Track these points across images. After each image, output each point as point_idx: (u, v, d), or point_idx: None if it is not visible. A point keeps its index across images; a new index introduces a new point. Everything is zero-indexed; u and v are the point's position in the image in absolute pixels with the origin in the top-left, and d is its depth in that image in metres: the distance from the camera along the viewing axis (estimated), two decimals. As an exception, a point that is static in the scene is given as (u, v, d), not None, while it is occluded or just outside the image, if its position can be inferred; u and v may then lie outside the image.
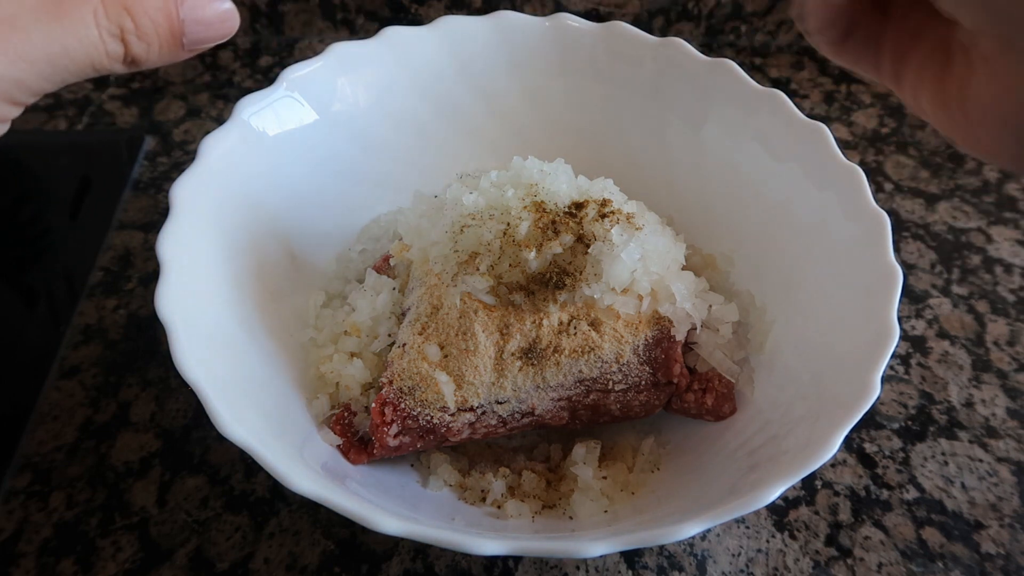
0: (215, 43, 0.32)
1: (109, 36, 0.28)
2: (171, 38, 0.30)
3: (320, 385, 0.46)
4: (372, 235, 0.55)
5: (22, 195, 0.64)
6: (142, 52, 0.30)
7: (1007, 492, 0.48)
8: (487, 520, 0.43)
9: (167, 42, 0.30)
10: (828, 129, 0.47)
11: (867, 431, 0.51)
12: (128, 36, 0.29)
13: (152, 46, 0.30)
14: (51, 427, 0.50)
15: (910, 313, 0.57)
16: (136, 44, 0.29)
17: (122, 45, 0.29)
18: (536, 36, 0.54)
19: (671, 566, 0.44)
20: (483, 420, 0.43)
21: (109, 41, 0.28)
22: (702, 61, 0.51)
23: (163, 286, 0.39)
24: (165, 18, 0.29)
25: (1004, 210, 0.64)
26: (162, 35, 0.30)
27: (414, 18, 0.77)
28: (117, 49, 0.29)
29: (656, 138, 0.55)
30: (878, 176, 0.67)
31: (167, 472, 0.48)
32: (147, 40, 0.29)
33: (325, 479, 0.38)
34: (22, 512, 0.46)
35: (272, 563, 0.44)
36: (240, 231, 0.47)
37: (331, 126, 0.52)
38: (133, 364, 0.53)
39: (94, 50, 0.28)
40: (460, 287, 0.43)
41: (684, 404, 0.45)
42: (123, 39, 0.29)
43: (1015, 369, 0.54)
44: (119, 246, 0.60)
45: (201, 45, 0.31)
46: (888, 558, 0.45)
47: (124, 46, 0.29)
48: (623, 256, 0.42)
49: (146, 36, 0.29)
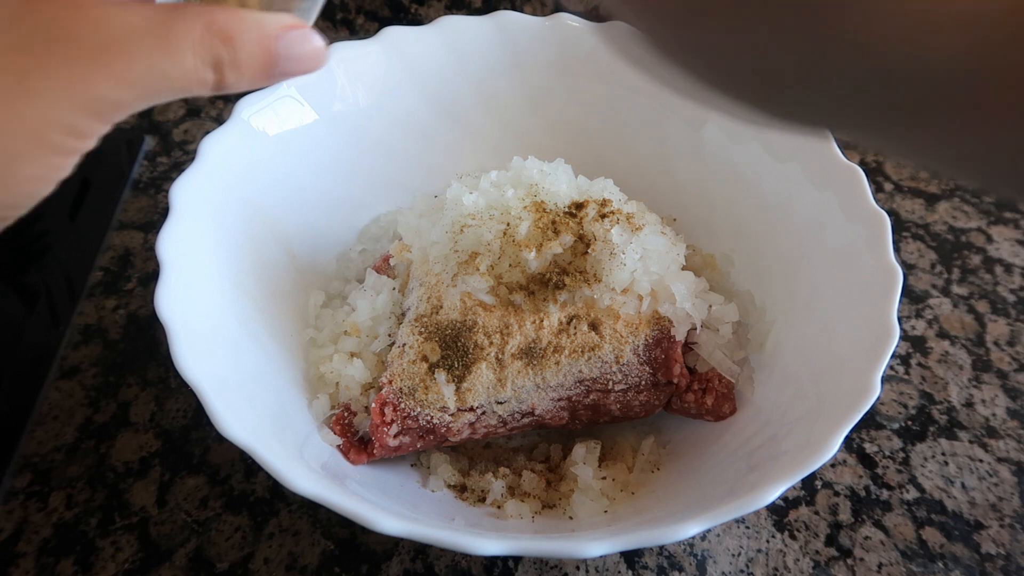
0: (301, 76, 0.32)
1: (205, 65, 0.29)
2: (263, 70, 0.30)
3: (320, 385, 0.46)
4: (372, 235, 0.55)
5: (22, 195, 0.64)
6: (232, 81, 0.30)
7: (1007, 492, 0.48)
8: (487, 520, 0.43)
9: (258, 74, 0.30)
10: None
11: (867, 431, 0.51)
12: (223, 66, 0.29)
13: (244, 76, 0.30)
14: (51, 427, 0.50)
15: (910, 313, 0.57)
16: (230, 74, 0.30)
17: (215, 74, 0.29)
18: (536, 36, 0.54)
19: (671, 566, 0.44)
20: (483, 420, 0.43)
21: (204, 70, 0.29)
22: (702, 61, 0.51)
23: (163, 286, 0.39)
24: (262, 52, 0.30)
25: (1004, 210, 0.64)
26: (255, 67, 0.30)
27: (414, 18, 0.77)
28: (210, 77, 0.29)
29: (656, 138, 0.55)
30: (878, 176, 0.67)
31: (167, 472, 0.48)
32: (240, 71, 0.30)
33: (325, 479, 0.38)
34: (22, 512, 0.46)
35: (272, 563, 0.44)
36: (240, 231, 0.47)
37: (331, 126, 0.52)
38: (133, 364, 0.53)
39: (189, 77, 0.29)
40: (460, 287, 0.43)
41: (684, 404, 0.45)
42: (218, 69, 0.29)
43: (1015, 369, 0.54)
44: (119, 246, 0.60)
45: (288, 77, 0.32)
46: (888, 558, 0.45)
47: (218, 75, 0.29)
48: (623, 256, 0.42)
49: (240, 67, 0.30)
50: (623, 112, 0.56)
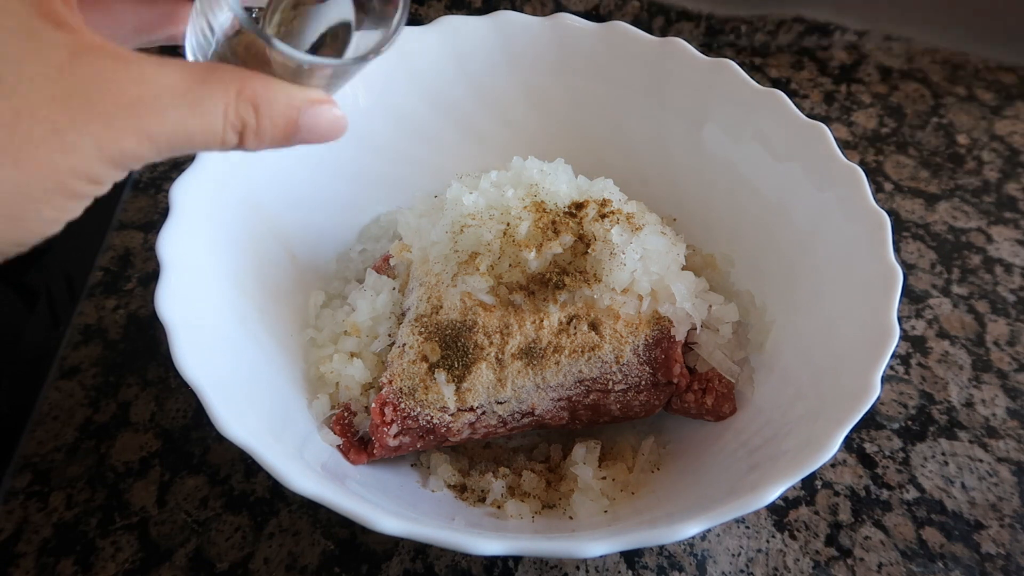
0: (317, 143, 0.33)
1: (231, 129, 0.30)
2: (284, 138, 0.31)
3: (320, 385, 0.46)
4: (372, 235, 0.55)
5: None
6: (252, 145, 0.31)
7: (1007, 492, 0.48)
8: (487, 520, 0.43)
9: (278, 141, 0.31)
10: (828, 129, 0.47)
11: (867, 431, 0.51)
12: (247, 131, 0.30)
13: (264, 142, 0.31)
14: (51, 427, 0.50)
15: (910, 313, 0.57)
16: (251, 139, 0.30)
17: (238, 137, 0.30)
18: (536, 36, 0.54)
19: (671, 566, 0.44)
20: (483, 420, 0.43)
21: (229, 133, 0.30)
22: (702, 61, 0.51)
23: (163, 286, 0.39)
24: (285, 123, 0.31)
25: (1004, 210, 0.64)
26: (276, 135, 0.31)
27: (414, 18, 0.77)
28: (233, 140, 0.30)
29: (656, 138, 0.55)
30: (878, 176, 0.67)
31: (167, 472, 0.48)
32: (261, 138, 0.31)
33: (325, 479, 0.38)
34: (22, 512, 0.46)
35: (272, 563, 0.44)
36: (240, 231, 0.47)
37: (331, 126, 0.52)
38: (133, 364, 0.53)
39: (213, 138, 0.29)
40: (460, 287, 0.43)
41: (684, 404, 0.45)
42: (241, 133, 0.30)
43: (1015, 369, 0.54)
44: (119, 246, 0.60)
45: (304, 143, 0.33)
46: (888, 558, 0.45)
47: (240, 139, 0.30)
48: (623, 256, 0.42)
49: (263, 135, 0.30)
50: (623, 112, 0.55)
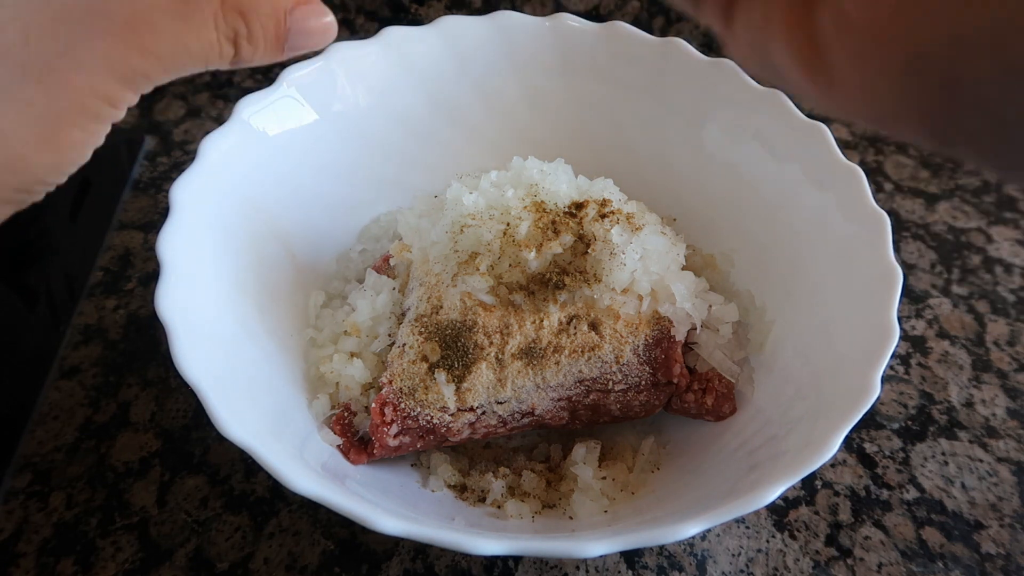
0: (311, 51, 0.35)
1: (224, 38, 0.31)
2: (276, 44, 0.33)
3: (320, 385, 0.46)
4: (372, 235, 0.55)
5: (22, 195, 0.64)
6: (248, 54, 0.32)
7: (1007, 492, 0.48)
8: (487, 520, 0.43)
9: (272, 47, 0.33)
10: (828, 129, 0.47)
11: (867, 431, 0.51)
12: (240, 40, 0.32)
13: (258, 49, 0.33)
14: (51, 427, 0.50)
15: (910, 313, 0.57)
16: (246, 47, 0.32)
17: (233, 47, 0.32)
18: (536, 36, 0.54)
19: (671, 566, 0.44)
20: (483, 420, 0.43)
21: (224, 43, 0.31)
22: (702, 61, 0.51)
23: (163, 286, 0.39)
24: (274, 25, 0.32)
25: (1004, 210, 0.64)
26: (269, 40, 0.33)
27: (414, 18, 0.77)
28: (229, 50, 0.32)
29: (656, 138, 0.55)
30: (878, 176, 0.67)
31: (167, 472, 0.48)
32: (255, 44, 0.32)
33: (325, 479, 0.38)
34: (22, 512, 0.46)
35: (272, 563, 0.44)
36: (240, 231, 0.47)
37: (331, 126, 0.52)
38: (133, 364, 0.53)
39: (210, 50, 0.31)
40: (460, 287, 0.43)
41: (684, 404, 0.45)
42: (235, 42, 0.32)
43: (1015, 369, 0.54)
44: (119, 246, 0.60)
45: (299, 51, 0.34)
46: (888, 558, 0.45)
47: (235, 48, 0.32)
48: (623, 256, 0.42)
49: (255, 40, 0.32)
50: (623, 112, 0.56)
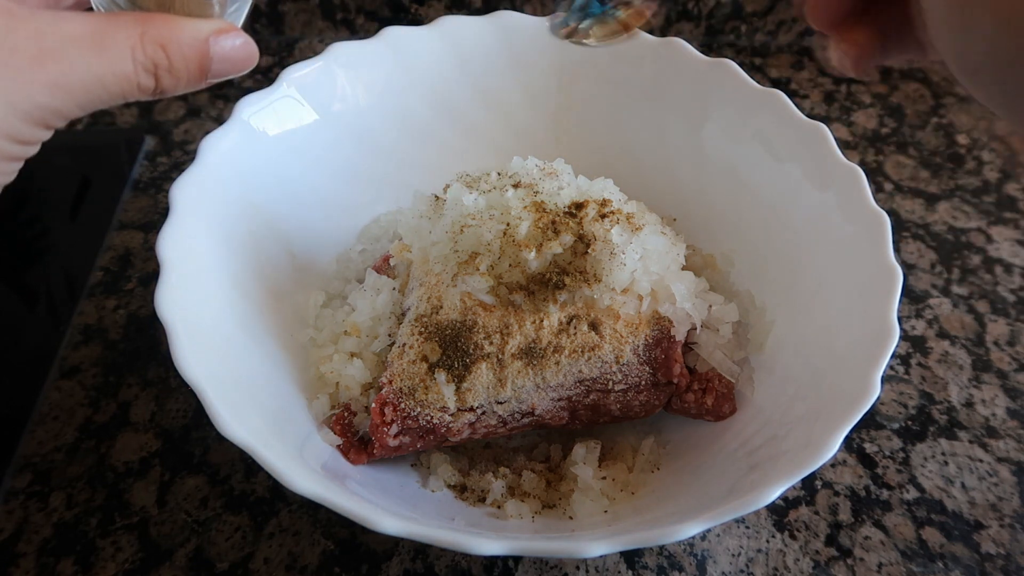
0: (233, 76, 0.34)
1: (143, 71, 0.30)
2: (199, 74, 0.32)
3: (320, 385, 0.46)
4: (372, 235, 0.55)
5: (22, 195, 0.64)
6: (170, 85, 0.31)
7: (1007, 492, 0.48)
8: (487, 520, 0.43)
9: (194, 77, 0.32)
10: (828, 129, 0.47)
11: (867, 431, 0.51)
12: (160, 71, 0.31)
13: (180, 80, 0.32)
14: (51, 427, 0.50)
15: (910, 313, 0.57)
16: (167, 79, 0.31)
17: (153, 79, 0.31)
18: (536, 36, 0.54)
19: (671, 566, 0.44)
20: (483, 420, 0.43)
21: (143, 75, 0.30)
22: (702, 61, 0.51)
23: (163, 286, 0.39)
24: (197, 55, 0.31)
25: (1004, 210, 0.64)
26: (191, 71, 0.32)
27: (414, 18, 0.77)
28: (149, 83, 0.31)
29: (656, 138, 0.55)
30: (878, 176, 0.67)
31: (167, 472, 0.48)
32: (177, 75, 0.31)
33: (325, 479, 0.38)
34: (22, 512, 0.46)
35: (272, 563, 0.44)
36: (240, 231, 0.47)
37: (331, 126, 0.52)
38: (133, 364, 0.53)
39: (127, 83, 0.30)
40: (460, 287, 0.43)
41: (684, 404, 0.45)
42: (155, 74, 0.31)
43: (1015, 369, 0.54)
44: (119, 246, 0.60)
45: (221, 78, 0.33)
46: (888, 558, 0.45)
47: (155, 80, 0.31)
48: (623, 256, 0.42)
49: (176, 72, 0.31)
50: (623, 112, 0.56)
